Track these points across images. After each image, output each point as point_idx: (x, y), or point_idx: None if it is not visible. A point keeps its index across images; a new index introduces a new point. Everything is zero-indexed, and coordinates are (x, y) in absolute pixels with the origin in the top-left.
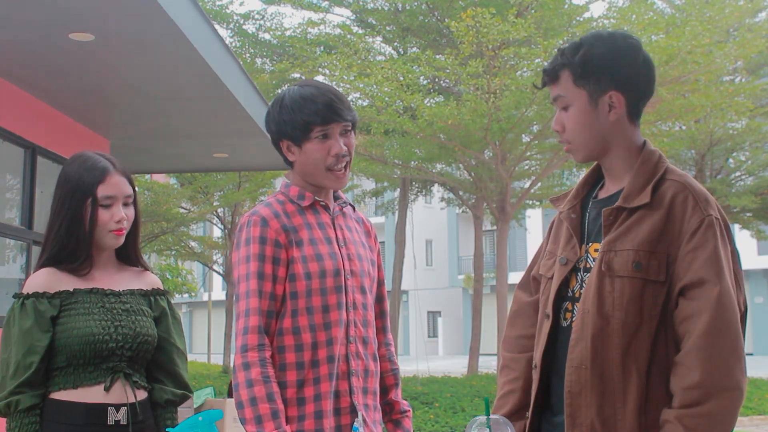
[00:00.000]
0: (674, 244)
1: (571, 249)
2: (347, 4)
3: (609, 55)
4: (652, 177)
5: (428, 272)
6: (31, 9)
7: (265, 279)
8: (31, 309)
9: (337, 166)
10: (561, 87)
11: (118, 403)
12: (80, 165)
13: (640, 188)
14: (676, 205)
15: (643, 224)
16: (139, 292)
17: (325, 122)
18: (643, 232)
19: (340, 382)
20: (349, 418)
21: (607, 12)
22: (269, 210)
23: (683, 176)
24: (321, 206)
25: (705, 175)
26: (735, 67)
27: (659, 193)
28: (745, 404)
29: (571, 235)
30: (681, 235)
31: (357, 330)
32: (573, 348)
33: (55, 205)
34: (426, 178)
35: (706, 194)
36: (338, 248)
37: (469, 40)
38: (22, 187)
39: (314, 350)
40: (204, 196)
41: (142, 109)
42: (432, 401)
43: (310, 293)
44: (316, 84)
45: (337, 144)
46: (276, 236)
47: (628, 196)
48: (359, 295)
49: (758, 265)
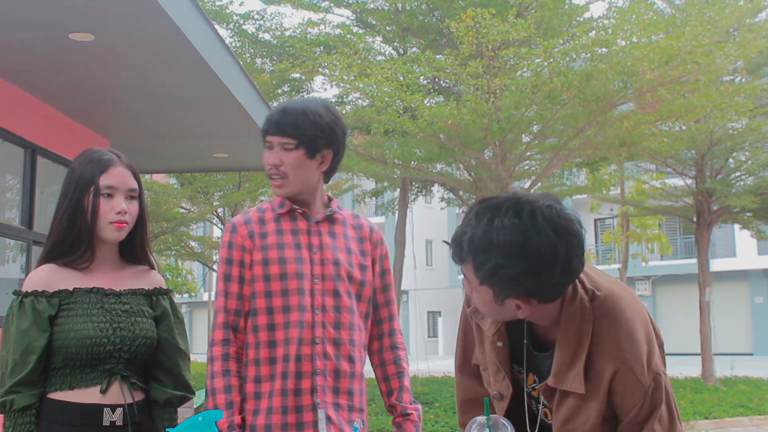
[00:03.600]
0: (619, 406)
1: (503, 384)
2: (347, 4)
3: (518, 275)
4: (580, 347)
5: (428, 272)
6: (31, 9)
7: (232, 280)
8: (30, 308)
9: (272, 176)
10: (467, 272)
11: (114, 404)
12: (86, 157)
13: (568, 365)
14: (617, 384)
15: (589, 408)
16: (141, 292)
17: (264, 133)
18: (593, 416)
19: (302, 380)
20: (312, 416)
21: (607, 12)
22: (243, 217)
23: (616, 338)
24: (299, 213)
25: (705, 175)
26: (735, 67)
27: (594, 376)
28: (745, 404)
29: (498, 368)
30: (626, 407)
31: (326, 331)
32: None
33: (60, 198)
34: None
35: (641, 356)
36: (308, 253)
37: (469, 41)
38: (22, 187)
39: (271, 348)
40: (204, 196)
41: (142, 109)
42: (432, 401)
43: (270, 294)
44: (289, 101)
45: (271, 156)
46: (242, 241)
47: (558, 375)
48: (330, 298)
49: (758, 265)
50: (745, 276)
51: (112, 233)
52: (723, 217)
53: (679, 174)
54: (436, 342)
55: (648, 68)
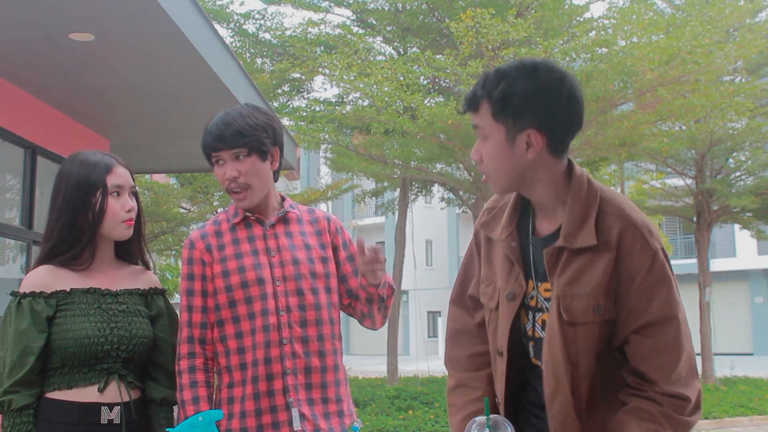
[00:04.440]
0: (623, 280)
1: (516, 282)
2: (347, 4)
3: (529, 93)
4: (588, 211)
5: (428, 272)
6: (31, 9)
7: (195, 294)
8: (28, 309)
9: (233, 189)
10: (480, 117)
11: (112, 402)
12: (82, 160)
13: (579, 225)
14: (625, 244)
15: (596, 266)
16: (137, 292)
17: (211, 151)
18: (597, 276)
19: (274, 381)
20: (286, 415)
21: (607, 12)
22: (199, 232)
23: (621, 206)
24: (253, 220)
25: (705, 175)
26: (735, 67)
27: (604, 232)
28: (745, 404)
29: (512, 264)
30: (632, 272)
31: (293, 331)
32: (551, 402)
33: (57, 202)
34: (426, 178)
35: (647, 224)
36: (267, 258)
37: (469, 41)
38: (22, 187)
39: (241, 355)
40: (204, 196)
41: (142, 109)
42: (432, 401)
43: (234, 304)
44: (221, 114)
45: (226, 170)
46: (201, 255)
47: (568, 236)
48: (294, 297)
49: (758, 265)
50: (745, 276)
51: (123, 232)
52: (723, 217)
53: (679, 174)
54: (436, 342)
55: (648, 68)
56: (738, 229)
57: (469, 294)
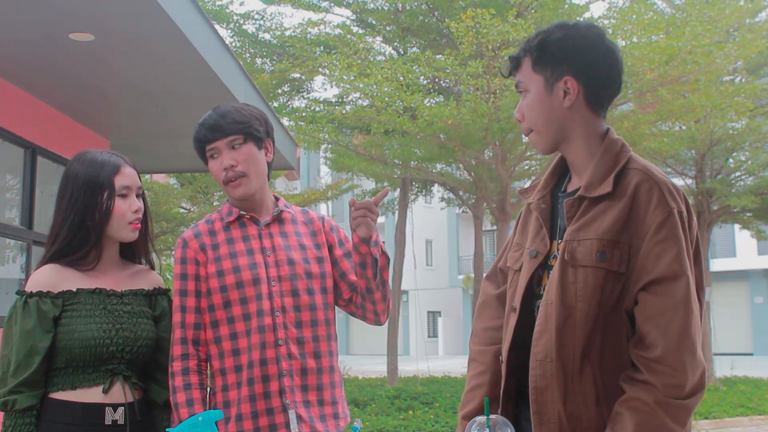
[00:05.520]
0: (637, 234)
1: (541, 241)
2: (347, 4)
3: (567, 41)
4: (614, 166)
5: (428, 272)
6: (31, 9)
7: (188, 295)
8: (34, 309)
9: (230, 178)
10: (521, 73)
11: (116, 403)
12: (90, 160)
13: (601, 177)
14: (640, 195)
15: (607, 214)
16: (141, 293)
17: (205, 143)
18: (606, 222)
19: (270, 383)
20: (283, 417)
21: (607, 12)
22: (193, 231)
23: (647, 165)
24: (247, 219)
25: (705, 175)
26: (735, 67)
27: (622, 183)
28: (745, 404)
29: (541, 225)
30: (645, 227)
31: (288, 332)
32: (537, 341)
33: (63, 201)
34: (426, 178)
35: (670, 184)
36: (262, 257)
37: (469, 41)
38: (22, 187)
39: (236, 356)
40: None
41: (142, 109)
42: (432, 401)
43: (229, 304)
44: (212, 109)
45: (223, 160)
46: (194, 255)
47: (589, 186)
48: (289, 298)
49: (758, 265)
50: (745, 276)
51: (129, 233)
52: (723, 217)
53: (679, 174)
54: (436, 342)
55: (648, 68)
56: (738, 229)
57: (500, 267)
